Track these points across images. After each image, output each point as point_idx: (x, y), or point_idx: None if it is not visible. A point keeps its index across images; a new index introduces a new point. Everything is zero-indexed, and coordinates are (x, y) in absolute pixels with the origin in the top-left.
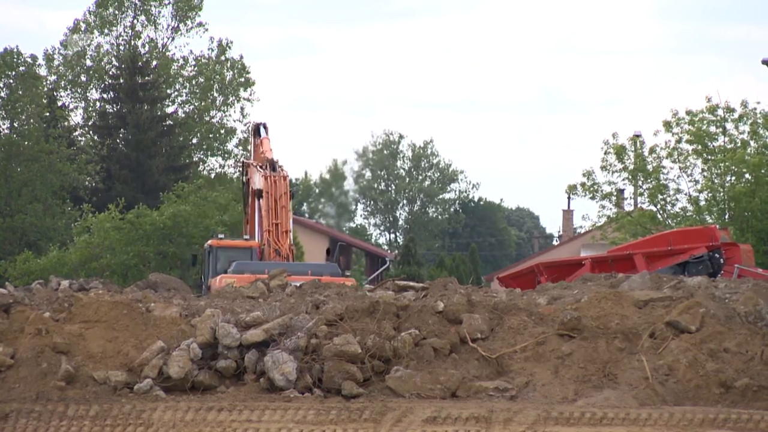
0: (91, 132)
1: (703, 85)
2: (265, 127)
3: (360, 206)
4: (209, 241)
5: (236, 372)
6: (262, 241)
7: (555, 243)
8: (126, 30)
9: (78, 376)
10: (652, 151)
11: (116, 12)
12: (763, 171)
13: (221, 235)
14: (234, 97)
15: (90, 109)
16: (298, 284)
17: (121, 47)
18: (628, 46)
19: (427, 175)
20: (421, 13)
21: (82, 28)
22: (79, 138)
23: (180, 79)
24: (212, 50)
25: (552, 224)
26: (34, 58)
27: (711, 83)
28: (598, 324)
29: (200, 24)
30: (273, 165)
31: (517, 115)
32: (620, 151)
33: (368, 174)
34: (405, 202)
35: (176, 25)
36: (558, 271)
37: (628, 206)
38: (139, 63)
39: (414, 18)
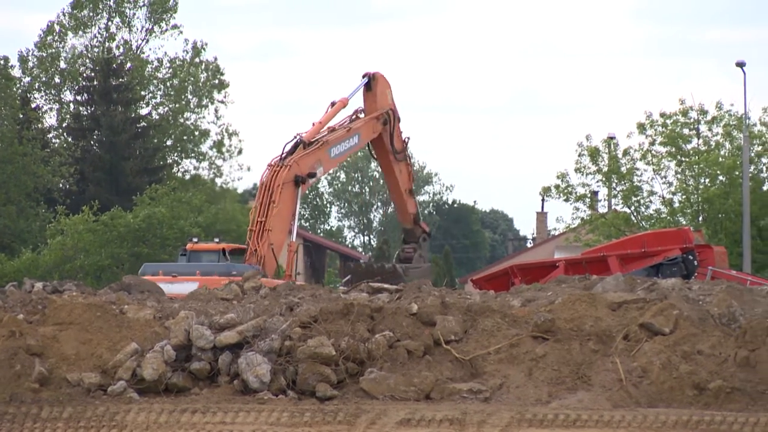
0: (65, 134)
1: (677, 88)
2: (371, 79)
3: (334, 208)
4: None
5: (210, 374)
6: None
7: (529, 245)
8: (100, 32)
9: (52, 378)
10: (625, 153)
11: (91, 14)
12: (737, 173)
13: (195, 239)
14: (208, 99)
15: (64, 111)
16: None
17: (96, 49)
18: (603, 48)
19: None
20: (395, 16)
21: (57, 30)
22: (53, 140)
23: (154, 81)
24: (187, 52)
25: (526, 226)
26: (6, 59)
27: (685, 86)
28: (572, 326)
29: (175, 26)
30: (296, 146)
31: (491, 117)
32: (594, 153)
33: (342, 176)
34: (379, 204)
35: (151, 27)
36: (532, 273)
37: (602, 208)
38: (114, 65)
39: (388, 21)
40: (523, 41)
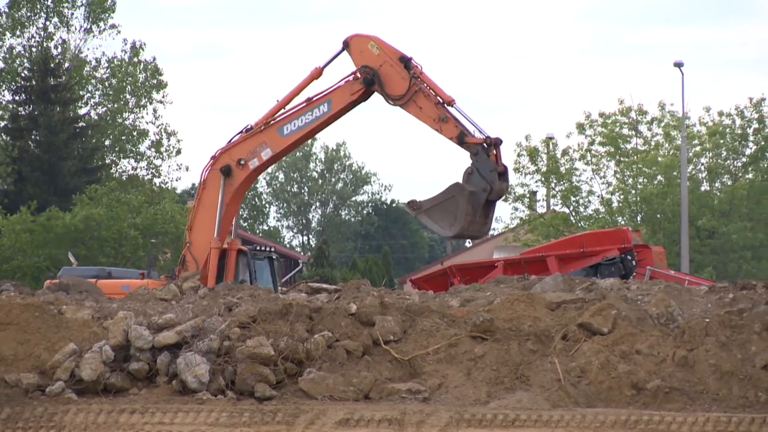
0: (2, 134)
1: (616, 88)
2: (345, 46)
3: (273, 208)
4: None
5: (149, 374)
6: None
7: (468, 245)
8: (38, 31)
9: None
10: (564, 153)
11: (29, 13)
12: (675, 173)
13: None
14: (147, 99)
15: (1, 110)
16: None
17: (34, 48)
18: (541, 48)
19: (339, 178)
20: (334, 15)
21: None
22: None
23: (93, 81)
24: (125, 52)
25: None
26: None
27: (624, 85)
28: (511, 326)
29: (113, 26)
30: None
31: None
32: (533, 153)
33: (281, 176)
34: (318, 204)
35: (89, 26)
36: (471, 273)
37: (541, 208)
38: (52, 64)
39: (327, 20)
40: (461, 42)
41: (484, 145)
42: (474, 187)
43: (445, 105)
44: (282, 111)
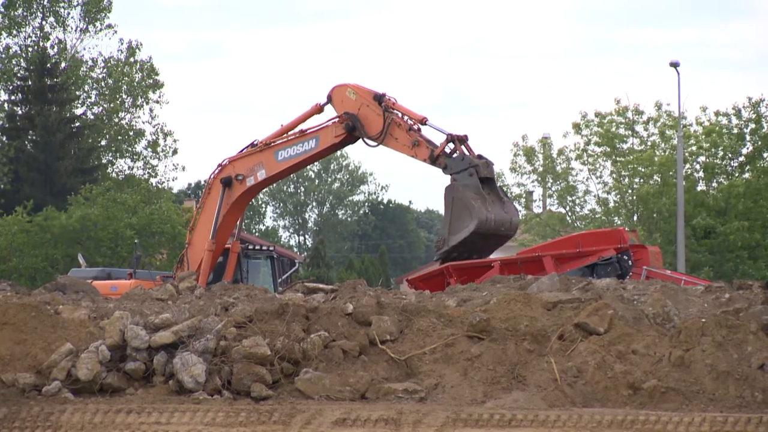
0: None
1: (612, 88)
2: (329, 100)
3: (269, 208)
4: None
5: (145, 374)
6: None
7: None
8: (35, 31)
9: None
10: (561, 153)
11: (25, 13)
12: (671, 172)
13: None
14: (143, 99)
15: None
16: None
17: (30, 48)
18: (538, 48)
19: (336, 177)
20: (329, 15)
21: None
22: None
23: (89, 81)
24: (121, 52)
25: None
26: None
27: (621, 85)
28: (507, 326)
29: (109, 26)
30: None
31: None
32: (529, 153)
33: None
34: (314, 204)
35: (85, 26)
36: (467, 273)
37: (537, 208)
38: (48, 64)
39: (323, 21)
40: (458, 41)
41: (450, 146)
42: (463, 181)
43: (420, 125)
44: (284, 136)
